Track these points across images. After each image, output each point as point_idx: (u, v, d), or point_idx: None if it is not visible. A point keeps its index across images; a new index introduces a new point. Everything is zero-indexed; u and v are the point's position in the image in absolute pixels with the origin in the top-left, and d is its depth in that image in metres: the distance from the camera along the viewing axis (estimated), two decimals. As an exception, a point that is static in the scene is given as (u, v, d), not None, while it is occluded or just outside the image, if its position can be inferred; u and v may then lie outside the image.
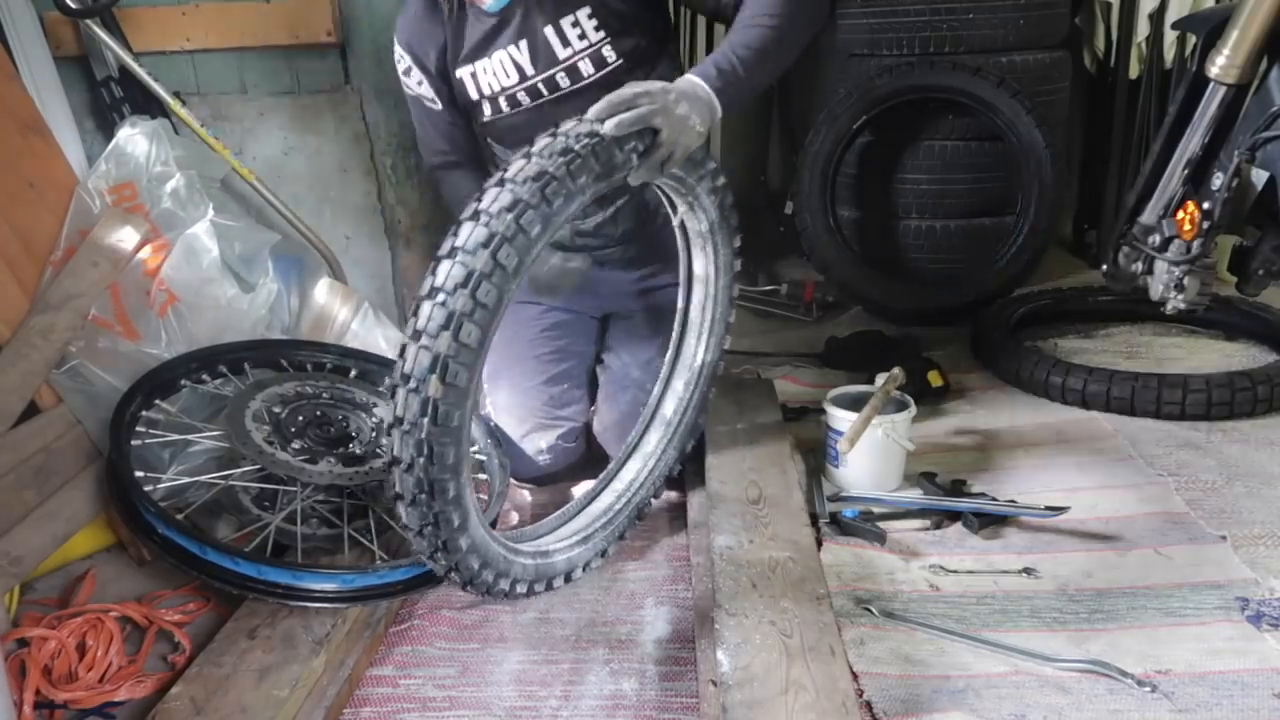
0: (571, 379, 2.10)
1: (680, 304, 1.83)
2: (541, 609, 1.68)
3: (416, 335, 1.28)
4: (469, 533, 1.41)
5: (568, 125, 1.38)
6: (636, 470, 1.87)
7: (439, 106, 1.97)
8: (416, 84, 1.97)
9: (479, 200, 1.30)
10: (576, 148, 1.34)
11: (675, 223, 1.71)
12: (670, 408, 1.87)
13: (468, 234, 1.28)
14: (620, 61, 1.83)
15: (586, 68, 1.82)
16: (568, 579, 1.70)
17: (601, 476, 1.87)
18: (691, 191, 1.59)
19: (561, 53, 1.82)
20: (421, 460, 1.29)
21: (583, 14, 1.79)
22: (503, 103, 1.89)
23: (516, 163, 1.33)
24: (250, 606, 1.55)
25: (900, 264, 3.03)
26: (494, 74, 1.87)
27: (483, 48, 1.86)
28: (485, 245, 1.26)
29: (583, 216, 1.99)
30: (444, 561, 1.42)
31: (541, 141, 1.36)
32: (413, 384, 1.27)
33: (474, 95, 1.91)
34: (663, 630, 1.62)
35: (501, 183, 1.31)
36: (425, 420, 1.27)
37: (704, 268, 1.76)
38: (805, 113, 3.59)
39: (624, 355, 2.09)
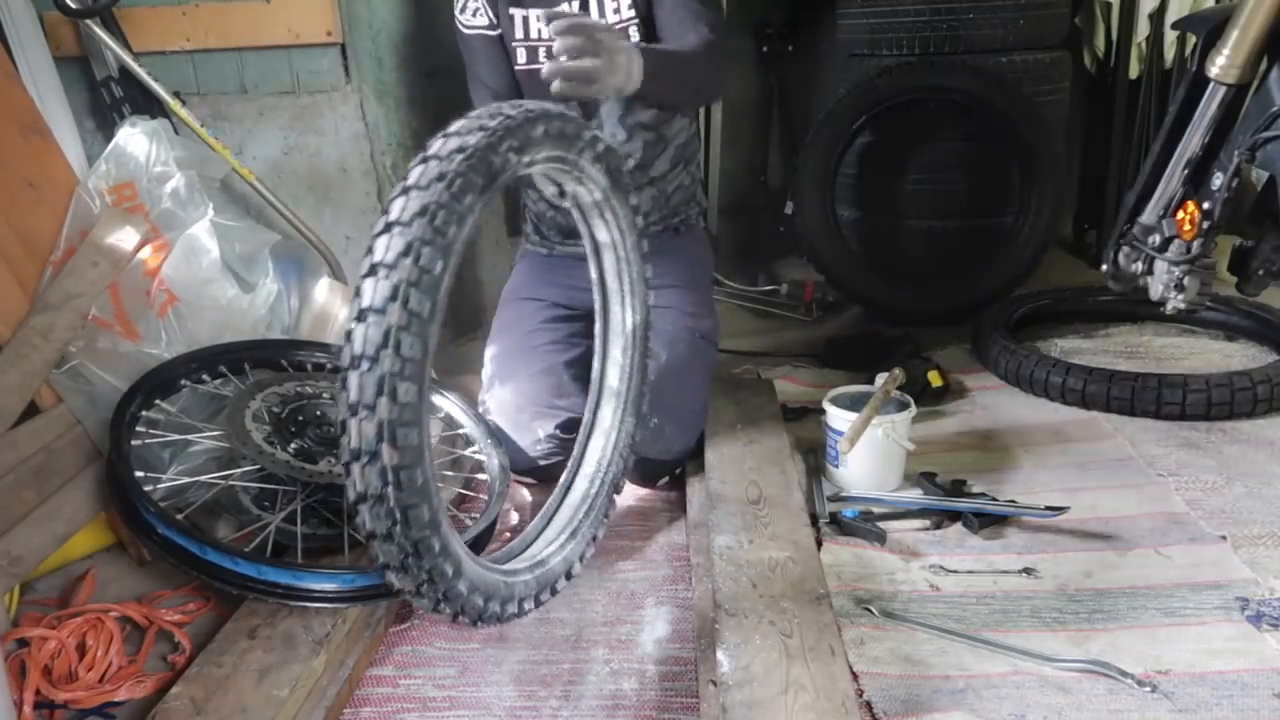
0: (571, 370, 2.10)
1: (594, 275, 1.78)
2: (541, 609, 1.68)
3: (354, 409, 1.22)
4: (465, 575, 1.38)
5: (437, 145, 1.27)
6: (600, 448, 1.83)
7: (497, 31, 2.01)
8: (473, 15, 2.02)
9: (371, 252, 1.23)
10: (453, 169, 1.25)
11: (567, 202, 1.65)
12: (615, 377, 1.83)
13: (371, 291, 1.21)
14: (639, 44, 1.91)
15: None
16: (568, 577, 1.70)
17: (569, 465, 1.85)
18: (575, 166, 1.52)
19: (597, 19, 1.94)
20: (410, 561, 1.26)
21: None
22: (540, 51, 1.99)
23: (397, 202, 1.23)
24: (250, 606, 1.55)
25: (900, 264, 3.03)
26: (539, 24, 1.97)
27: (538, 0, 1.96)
28: (393, 298, 1.19)
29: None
30: (449, 610, 1.40)
31: (415, 171, 1.26)
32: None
33: (519, 34, 1.99)
34: (663, 630, 1.62)
35: (389, 227, 1.22)
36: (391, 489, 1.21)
37: (607, 234, 1.71)
38: (805, 113, 3.60)
39: None
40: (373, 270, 1.20)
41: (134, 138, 2.15)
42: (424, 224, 1.19)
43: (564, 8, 1.97)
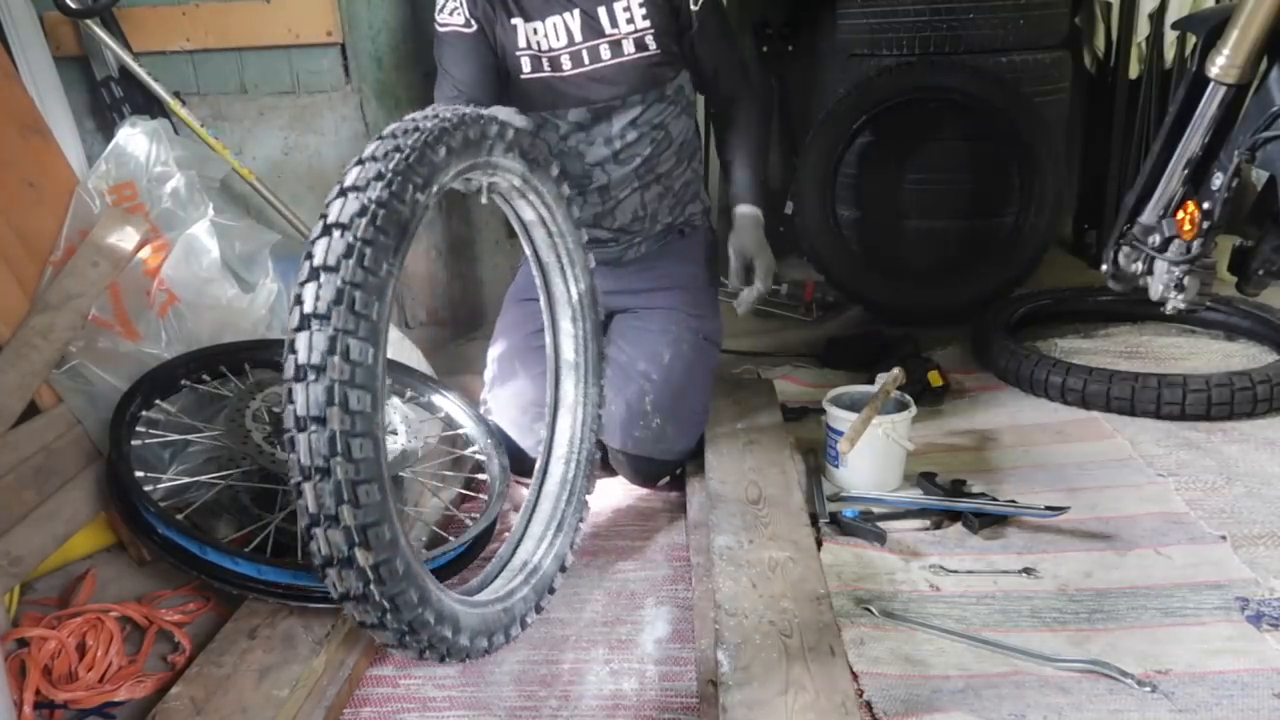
0: None
1: (529, 252, 1.76)
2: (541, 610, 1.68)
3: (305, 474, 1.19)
4: (461, 629, 1.37)
5: (335, 207, 1.20)
6: (569, 426, 1.81)
7: (472, 29, 1.98)
8: (449, 13, 2.00)
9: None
10: (359, 238, 1.17)
11: (483, 197, 1.59)
12: (569, 348, 1.81)
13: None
14: (658, 53, 1.99)
15: (629, 47, 1.97)
16: (563, 570, 1.69)
17: (541, 452, 1.82)
18: (487, 165, 1.47)
19: (609, 30, 1.96)
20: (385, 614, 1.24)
21: (635, 2, 1.95)
22: (545, 62, 1.98)
23: (308, 288, 1.16)
24: (250, 606, 1.55)
25: (900, 264, 3.03)
26: (544, 35, 1.97)
27: (538, 9, 1.96)
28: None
29: (581, 209, 2.04)
30: (456, 659, 1.39)
31: (319, 247, 1.18)
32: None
33: (521, 43, 1.98)
34: (663, 630, 1.62)
35: (308, 309, 1.16)
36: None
37: (533, 213, 1.67)
38: (805, 113, 3.60)
39: (628, 349, 2.10)
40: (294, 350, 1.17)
41: (134, 138, 2.15)
42: (343, 312, 1.14)
43: (565, 18, 1.95)
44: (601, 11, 1.95)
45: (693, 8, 2.00)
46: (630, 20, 1.96)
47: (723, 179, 3.28)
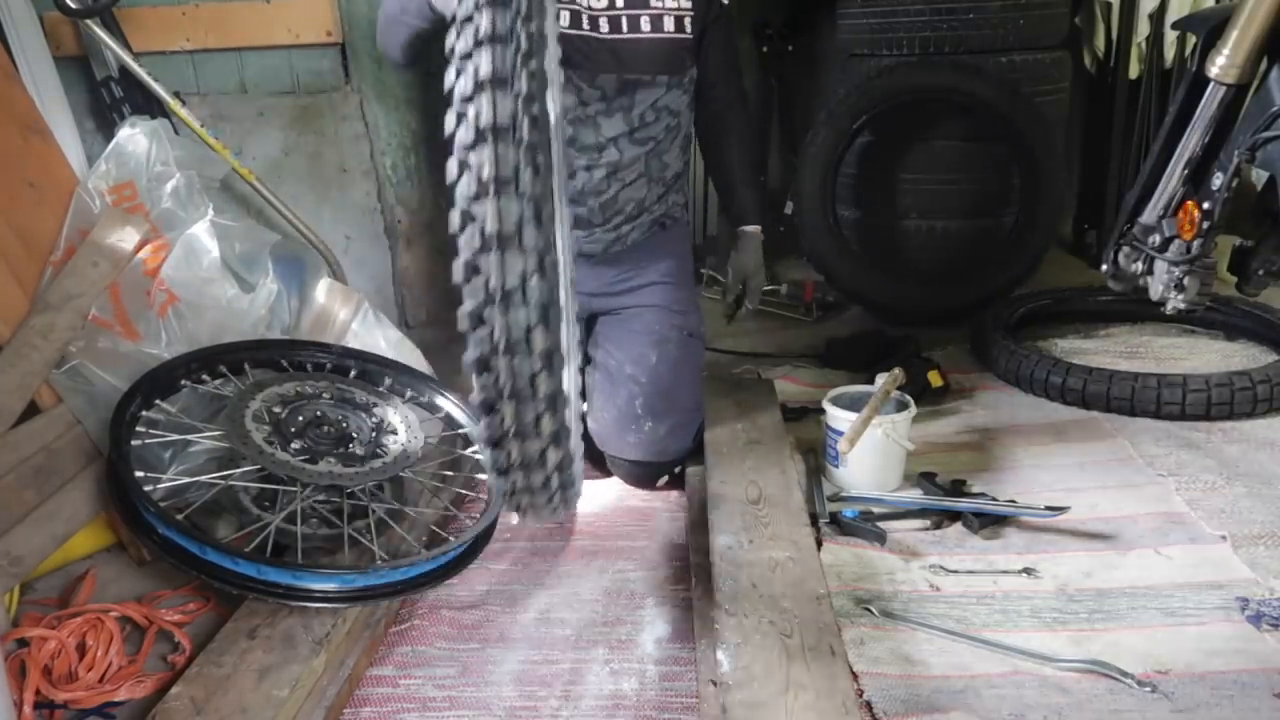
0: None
1: None
2: (541, 609, 1.68)
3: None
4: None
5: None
6: None
7: None
8: None
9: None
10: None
11: None
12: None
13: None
14: (689, 36, 2.00)
15: (668, 23, 1.98)
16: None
17: None
18: None
19: (654, 1, 1.97)
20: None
21: None
22: (585, 20, 1.95)
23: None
24: (250, 606, 1.55)
25: (900, 264, 3.03)
26: None
27: None
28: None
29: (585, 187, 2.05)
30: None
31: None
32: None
33: None
34: (663, 630, 1.62)
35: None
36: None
37: None
38: (805, 113, 3.60)
39: (616, 352, 2.10)
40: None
41: (134, 138, 2.15)
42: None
43: None
44: None
45: (724, 1, 2.04)
46: None
47: (711, 184, 3.30)
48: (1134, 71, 3.07)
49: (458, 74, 1.08)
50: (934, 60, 2.85)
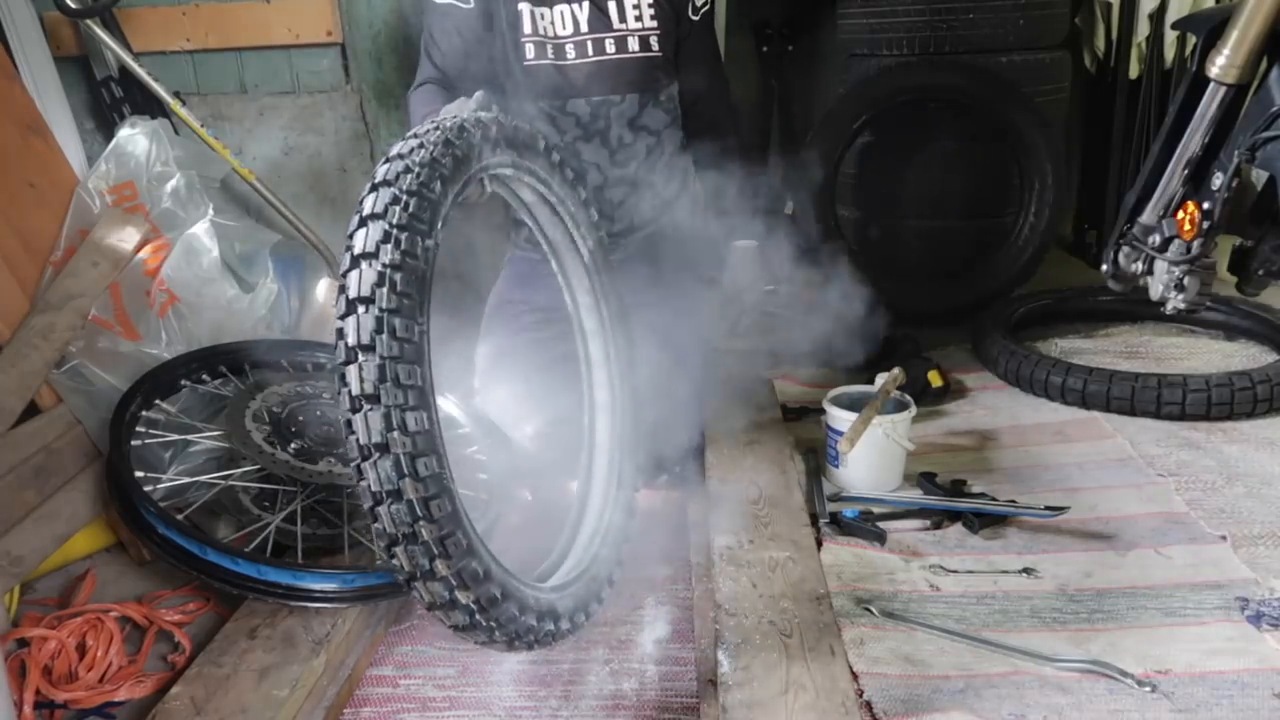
0: (562, 369, 2.10)
1: (534, 230, 1.73)
2: (541, 609, 1.68)
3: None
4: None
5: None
6: (605, 381, 1.78)
7: (469, 5, 1.95)
8: None
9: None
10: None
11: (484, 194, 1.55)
12: (590, 318, 1.78)
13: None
14: (660, 54, 2.01)
15: (633, 44, 1.99)
16: (626, 540, 1.71)
17: (586, 415, 1.79)
18: (481, 170, 1.42)
19: (617, 24, 1.99)
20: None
21: (645, 0, 1.99)
22: (550, 49, 1.98)
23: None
24: (250, 606, 1.55)
25: (900, 264, 3.03)
26: (551, 21, 1.97)
27: None
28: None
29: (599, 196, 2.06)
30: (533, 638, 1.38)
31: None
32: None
33: (526, 29, 1.97)
34: (663, 630, 1.62)
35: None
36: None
37: (531, 192, 1.63)
38: (805, 113, 3.60)
39: None
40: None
41: (134, 138, 2.15)
42: (390, 389, 1.17)
43: (574, 7, 1.96)
44: (611, 4, 1.97)
45: (692, 17, 2.04)
46: (639, 18, 1.99)
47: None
48: (1134, 71, 3.07)
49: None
50: (934, 60, 2.85)
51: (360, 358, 1.17)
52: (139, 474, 1.70)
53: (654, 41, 2.00)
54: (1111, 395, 2.22)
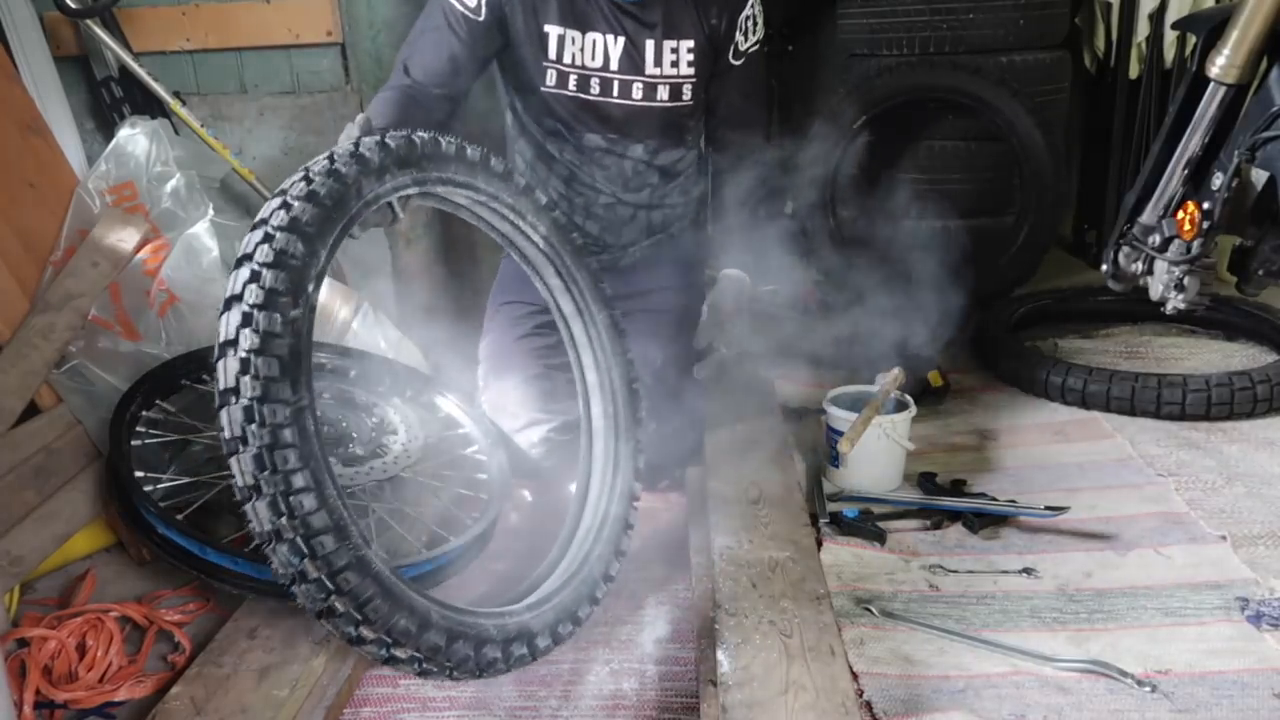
0: (564, 373, 2.09)
1: (486, 231, 1.69)
2: (541, 609, 1.68)
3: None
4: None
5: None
6: (592, 363, 1.76)
7: (481, 18, 1.82)
8: None
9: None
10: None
11: (401, 215, 1.51)
12: (565, 300, 1.75)
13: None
14: (690, 103, 1.93)
15: (663, 92, 1.90)
16: (635, 502, 1.73)
17: (580, 400, 1.78)
18: (368, 203, 1.37)
19: (650, 68, 1.88)
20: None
21: (686, 45, 1.88)
22: (572, 80, 1.89)
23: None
24: (250, 606, 1.55)
25: (900, 264, 3.02)
26: (581, 49, 1.86)
27: (585, 21, 1.85)
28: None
29: (613, 215, 2.05)
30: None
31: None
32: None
33: (551, 54, 1.87)
34: (663, 630, 1.61)
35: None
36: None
37: (462, 196, 1.58)
38: (805, 113, 3.59)
39: None
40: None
41: (134, 138, 2.15)
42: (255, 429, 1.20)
43: (608, 39, 1.86)
44: (649, 45, 1.86)
45: (733, 61, 1.94)
46: (675, 64, 1.89)
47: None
48: (1134, 71, 3.07)
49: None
50: (934, 60, 2.85)
51: (238, 449, 1.18)
52: (139, 474, 1.70)
53: (686, 90, 1.91)
54: (1111, 395, 2.22)
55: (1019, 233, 2.88)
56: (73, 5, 2.25)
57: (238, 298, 1.20)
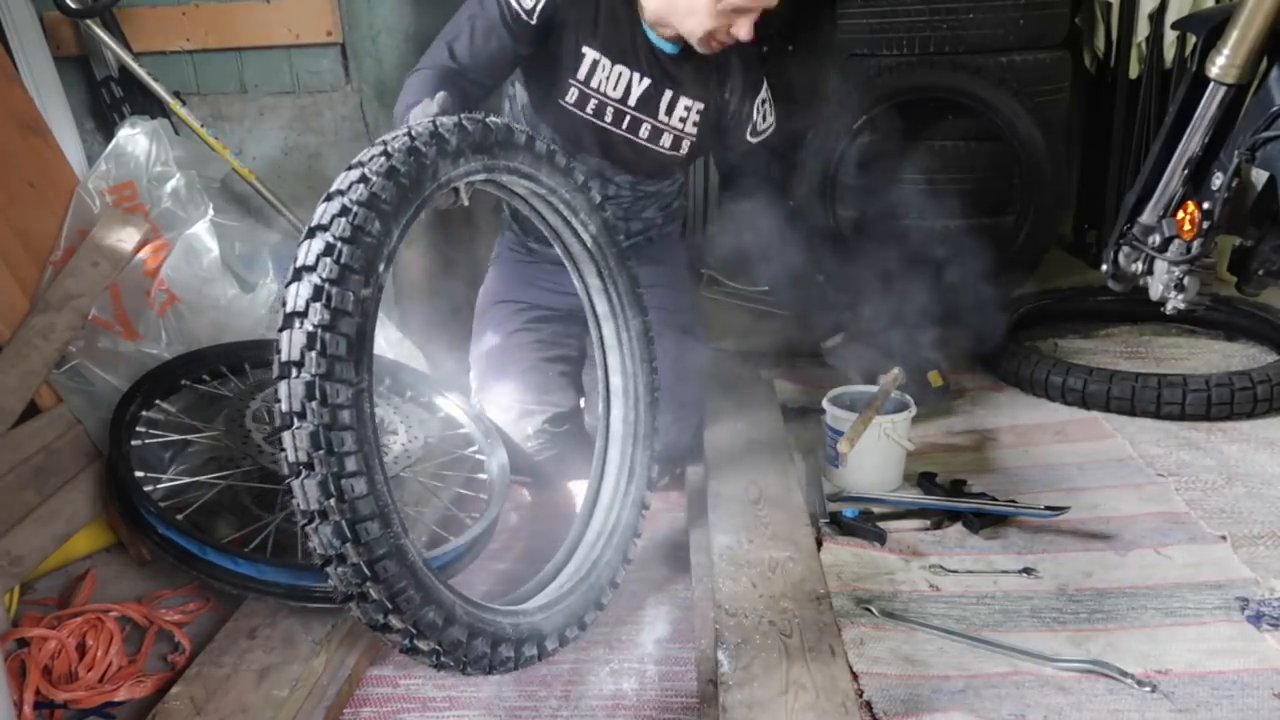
0: (556, 366, 2.10)
1: (538, 223, 1.70)
2: (541, 609, 1.68)
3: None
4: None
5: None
6: (619, 364, 1.76)
7: (533, 23, 1.84)
8: None
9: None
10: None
11: (463, 199, 1.50)
12: (601, 302, 1.75)
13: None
14: (685, 155, 2.02)
15: (666, 140, 1.99)
16: (645, 509, 1.73)
17: (600, 401, 1.77)
18: (441, 185, 1.38)
19: (662, 115, 1.97)
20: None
21: (696, 108, 1.98)
22: (591, 104, 1.94)
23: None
24: (250, 606, 1.55)
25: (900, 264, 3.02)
26: (608, 77, 1.92)
27: (620, 54, 1.91)
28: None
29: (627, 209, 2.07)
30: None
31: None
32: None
33: (580, 75, 1.92)
34: (663, 630, 1.62)
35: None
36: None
37: (522, 186, 1.59)
38: (805, 113, 3.59)
39: None
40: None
41: (134, 138, 2.15)
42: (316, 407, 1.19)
43: (634, 76, 1.92)
44: (668, 95, 1.95)
45: (749, 139, 2.05)
46: (684, 120, 1.98)
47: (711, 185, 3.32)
48: (1134, 71, 3.07)
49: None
50: (934, 60, 2.85)
51: (294, 424, 1.16)
52: (139, 474, 1.70)
53: (685, 145, 2.00)
54: (1111, 395, 2.22)
55: (1019, 233, 2.88)
56: (73, 5, 2.25)
57: (310, 269, 1.18)
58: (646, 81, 1.93)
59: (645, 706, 1.44)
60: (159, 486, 1.74)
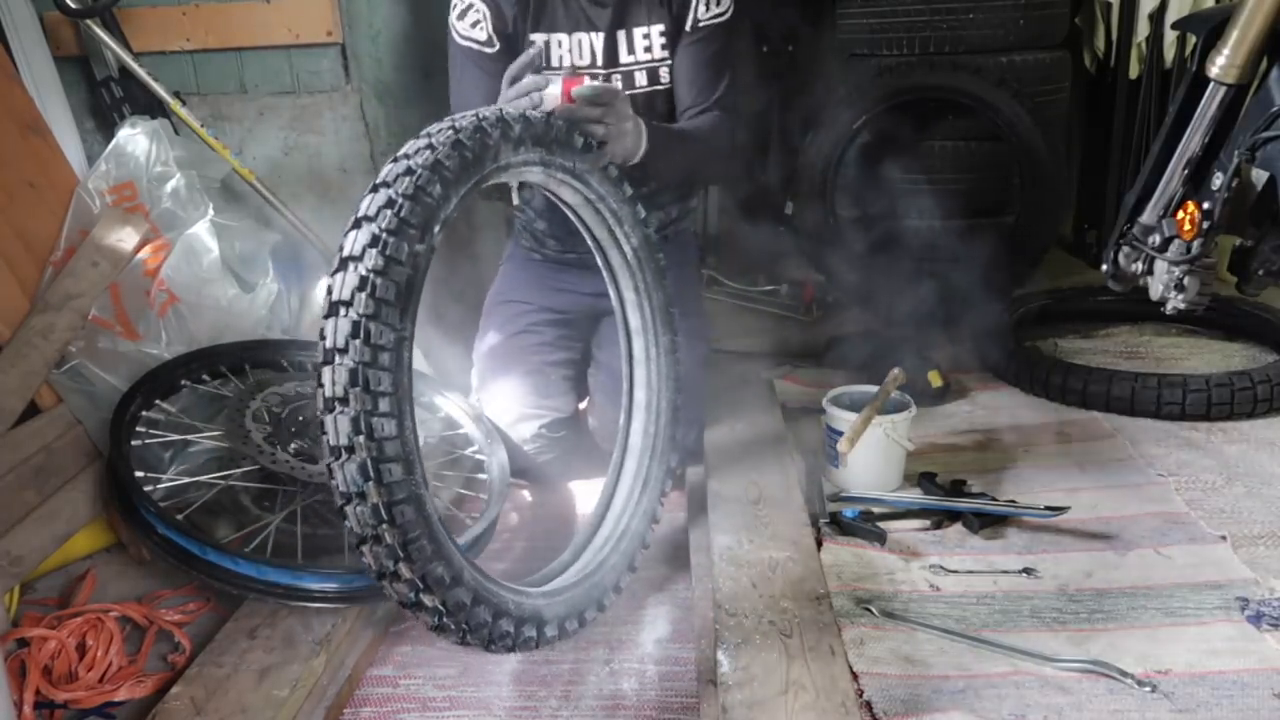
0: (558, 370, 2.10)
1: (581, 230, 1.71)
2: (541, 609, 1.68)
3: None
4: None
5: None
6: (645, 380, 1.77)
7: (495, 48, 1.88)
8: (471, 25, 1.87)
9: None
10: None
11: (514, 196, 1.58)
12: (634, 316, 1.76)
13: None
14: (667, 86, 1.95)
15: (641, 78, 1.94)
16: (655, 522, 1.75)
17: (623, 411, 1.78)
18: (498, 169, 1.43)
19: (624, 57, 1.92)
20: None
21: (656, 29, 1.91)
22: None
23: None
24: (250, 606, 1.55)
25: (900, 264, 3.02)
26: (570, 50, 1.91)
27: (566, 23, 1.90)
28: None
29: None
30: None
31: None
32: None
33: (554, 61, 1.92)
34: (663, 630, 1.62)
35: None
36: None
37: (572, 193, 1.62)
38: (805, 113, 3.60)
39: (618, 353, 2.10)
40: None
41: (134, 138, 2.15)
42: (359, 394, 1.21)
43: (590, 36, 1.90)
44: (620, 36, 1.91)
45: (688, 30, 1.92)
46: (649, 48, 1.93)
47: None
48: (1134, 71, 3.07)
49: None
50: (934, 60, 2.85)
51: (335, 360, 1.19)
52: (139, 474, 1.70)
53: (663, 73, 1.94)
54: (1111, 395, 2.22)
55: (1019, 233, 2.88)
56: (73, 5, 2.25)
57: (370, 219, 1.23)
58: (600, 36, 1.91)
59: (645, 706, 1.44)
60: (159, 486, 1.74)
